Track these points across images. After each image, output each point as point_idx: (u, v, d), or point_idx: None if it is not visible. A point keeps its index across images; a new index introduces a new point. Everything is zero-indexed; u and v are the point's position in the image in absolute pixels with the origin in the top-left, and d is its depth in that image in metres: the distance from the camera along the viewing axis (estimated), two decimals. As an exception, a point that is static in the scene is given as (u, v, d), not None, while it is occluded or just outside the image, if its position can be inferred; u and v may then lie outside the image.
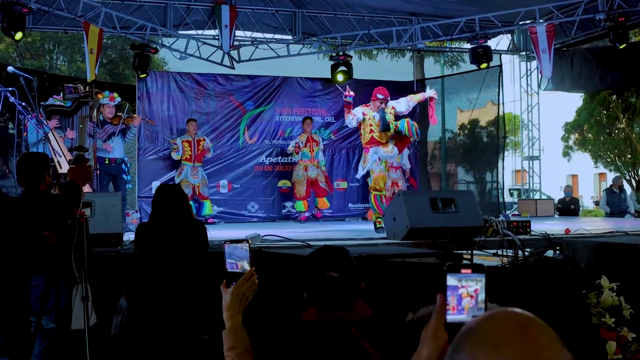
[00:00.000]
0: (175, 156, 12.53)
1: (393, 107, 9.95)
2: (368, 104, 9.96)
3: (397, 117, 10.00)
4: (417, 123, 10.41)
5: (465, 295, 1.46)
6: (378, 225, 9.29)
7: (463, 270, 1.47)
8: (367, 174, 9.94)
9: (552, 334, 1.16)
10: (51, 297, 4.29)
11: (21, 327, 3.48)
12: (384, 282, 4.81)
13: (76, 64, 24.97)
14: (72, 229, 4.14)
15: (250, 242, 2.38)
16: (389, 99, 9.90)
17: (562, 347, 1.15)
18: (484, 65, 13.81)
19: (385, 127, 9.70)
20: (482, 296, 1.46)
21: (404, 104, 10.01)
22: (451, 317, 1.46)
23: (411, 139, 10.25)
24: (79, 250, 4.14)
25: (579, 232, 8.07)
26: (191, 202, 12.38)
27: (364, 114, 9.82)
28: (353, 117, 9.85)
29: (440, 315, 1.47)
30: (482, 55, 13.62)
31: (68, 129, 9.66)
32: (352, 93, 9.92)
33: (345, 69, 14.12)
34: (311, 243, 6.85)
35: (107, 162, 10.16)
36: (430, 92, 10.25)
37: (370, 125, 9.79)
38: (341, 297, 2.56)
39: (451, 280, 1.47)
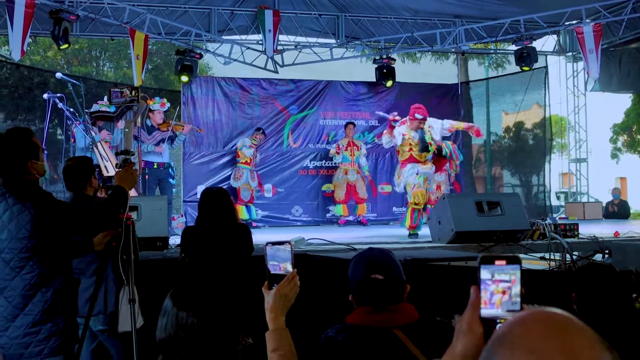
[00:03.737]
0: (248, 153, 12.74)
1: (430, 127, 9.88)
2: (404, 121, 9.91)
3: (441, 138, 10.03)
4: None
5: (498, 290, 1.42)
6: (412, 232, 9.42)
7: (497, 262, 1.43)
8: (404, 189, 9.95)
9: (591, 336, 1.11)
10: (99, 299, 4.35)
11: (71, 329, 3.53)
12: (429, 285, 4.79)
13: (122, 70, 25.32)
14: (119, 232, 4.19)
15: (292, 243, 2.36)
16: (427, 118, 9.85)
17: (603, 348, 1.09)
18: (526, 68, 13.58)
19: (424, 148, 9.68)
20: (517, 289, 1.42)
21: (438, 132, 9.95)
22: (485, 311, 1.42)
23: (456, 162, 10.26)
24: (126, 253, 4.19)
25: (628, 235, 7.95)
26: (248, 206, 12.61)
27: (403, 135, 9.77)
28: (392, 138, 9.86)
29: (474, 308, 1.43)
30: (526, 57, 13.41)
31: (105, 130, 9.73)
32: (398, 118, 9.95)
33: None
34: (355, 246, 6.85)
35: (155, 166, 10.25)
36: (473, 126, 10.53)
37: (410, 144, 9.75)
38: (386, 300, 2.55)
39: (485, 273, 1.44)
